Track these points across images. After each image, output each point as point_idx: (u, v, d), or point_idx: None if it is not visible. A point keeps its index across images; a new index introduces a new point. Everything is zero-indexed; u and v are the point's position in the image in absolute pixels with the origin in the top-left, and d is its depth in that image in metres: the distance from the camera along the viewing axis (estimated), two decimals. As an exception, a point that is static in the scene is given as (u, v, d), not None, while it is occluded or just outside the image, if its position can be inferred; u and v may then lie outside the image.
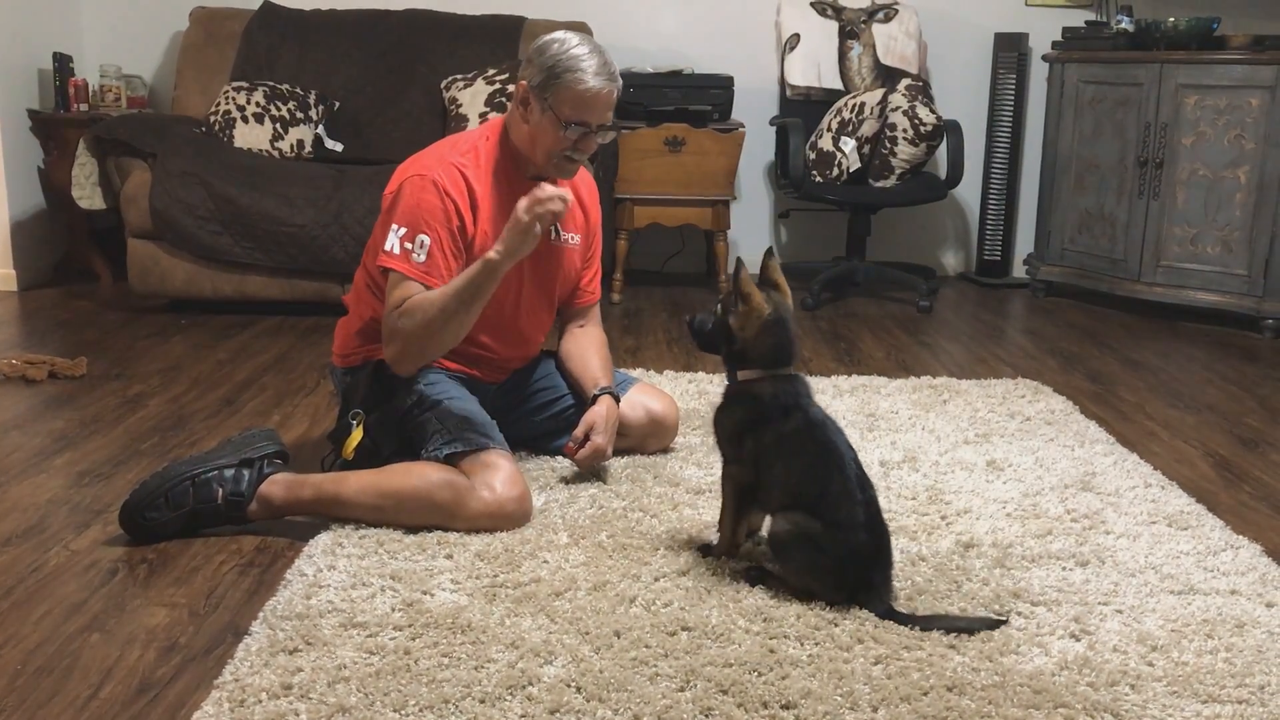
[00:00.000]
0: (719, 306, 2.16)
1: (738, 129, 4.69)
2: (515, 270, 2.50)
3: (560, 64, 2.38)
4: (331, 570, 2.13)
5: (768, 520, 2.16)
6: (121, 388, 3.34)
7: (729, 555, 2.20)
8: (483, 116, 4.46)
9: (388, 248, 2.37)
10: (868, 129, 4.62)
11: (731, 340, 2.13)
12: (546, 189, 2.25)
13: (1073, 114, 4.81)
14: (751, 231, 5.32)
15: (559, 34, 2.45)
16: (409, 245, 2.36)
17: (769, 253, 2.21)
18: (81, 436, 2.92)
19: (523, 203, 2.25)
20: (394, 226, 2.38)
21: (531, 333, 2.68)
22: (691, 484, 2.61)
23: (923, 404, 3.28)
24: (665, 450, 2.82)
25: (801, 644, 1.91)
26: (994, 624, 1.98)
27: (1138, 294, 4.60)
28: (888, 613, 1.99)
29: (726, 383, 2.19)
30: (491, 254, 2.28)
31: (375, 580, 2.09)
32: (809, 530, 2.02)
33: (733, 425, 2.15)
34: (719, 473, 2.66)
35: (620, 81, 2.45)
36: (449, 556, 2.20)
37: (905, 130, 4.60)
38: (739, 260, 2.10)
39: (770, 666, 1.83)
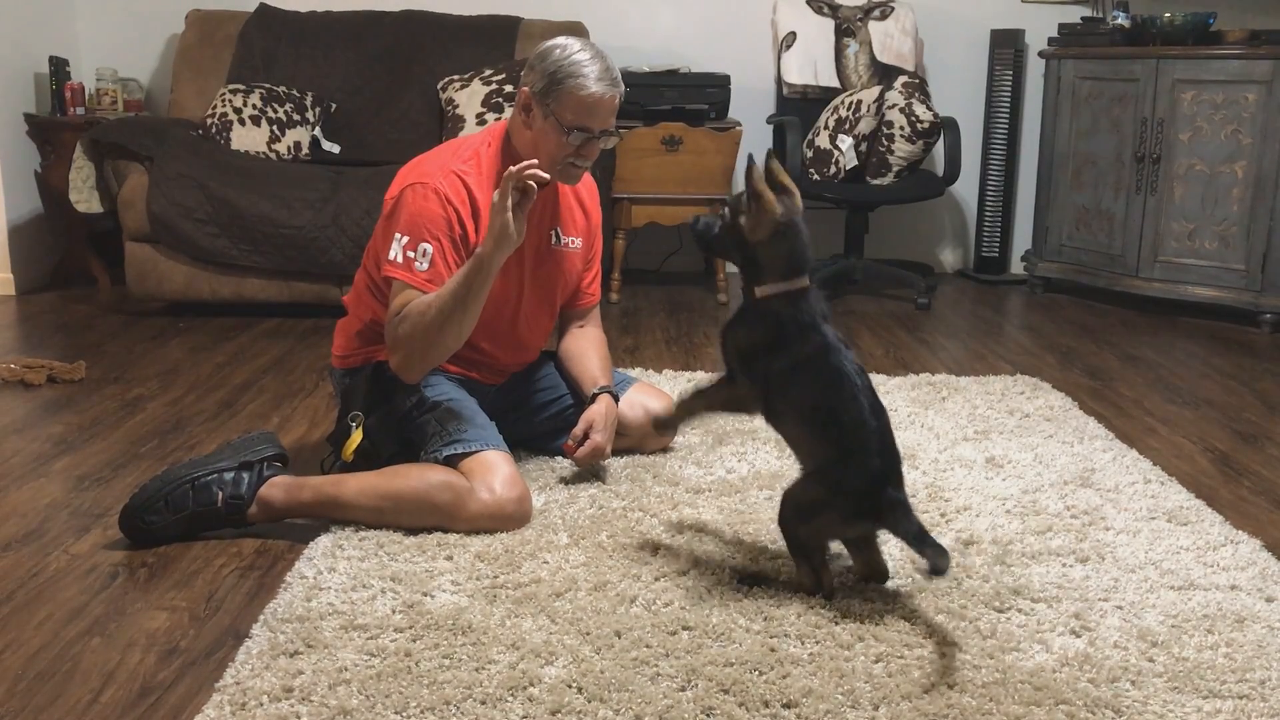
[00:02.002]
0: (726, 210, 2.09)
1: (735, 128, 4.69)
2: (516, 275, 2.50)
3: (562, 70, 2.37)
4: (332, 572, 2.13)
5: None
6: (120, 391, 3.33)
7: (674, 425, 2.28)
8: (479, 117, 4.46)
9: (391, 257, 2.37)
10: (865, 127, 4.62)
11: (743, 245, 2.06)
12: (511, 168, 2.23)
13: (1069, 110, 4.81)
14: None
15: (560, 39, 2.44)
16: (411, 254, 2.36)
17: (770, 154, 2.13)
18: (80, 440, 2.92)
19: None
20: (397, 235, 2.38)
21: (531, 338, 2.68)
22: (691, 483, 2.61)
23: (922, 401, 3.28)
24: (665, 450, 2.82)
25: (802, 643, 1.91)
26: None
27: (1135, 289, 4.60)
28: (920, 534, 1.94)
29: (742, 299, 2.13)
30: (480, 248, 2.27)
31: (375, 582, 2.09)
32: (823, 492, 2.00)
33: (748, 344, 2.08)
34: (720, 472, 2.67)
35: (623, 87, 2.44)
36: (449, 558, 2.20)
37: (902, 127, 4.60)
38: (750, 158, 2.01)
39: (771, 665, 1.83)
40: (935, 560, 1.89)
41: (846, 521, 2.03)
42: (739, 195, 2.06)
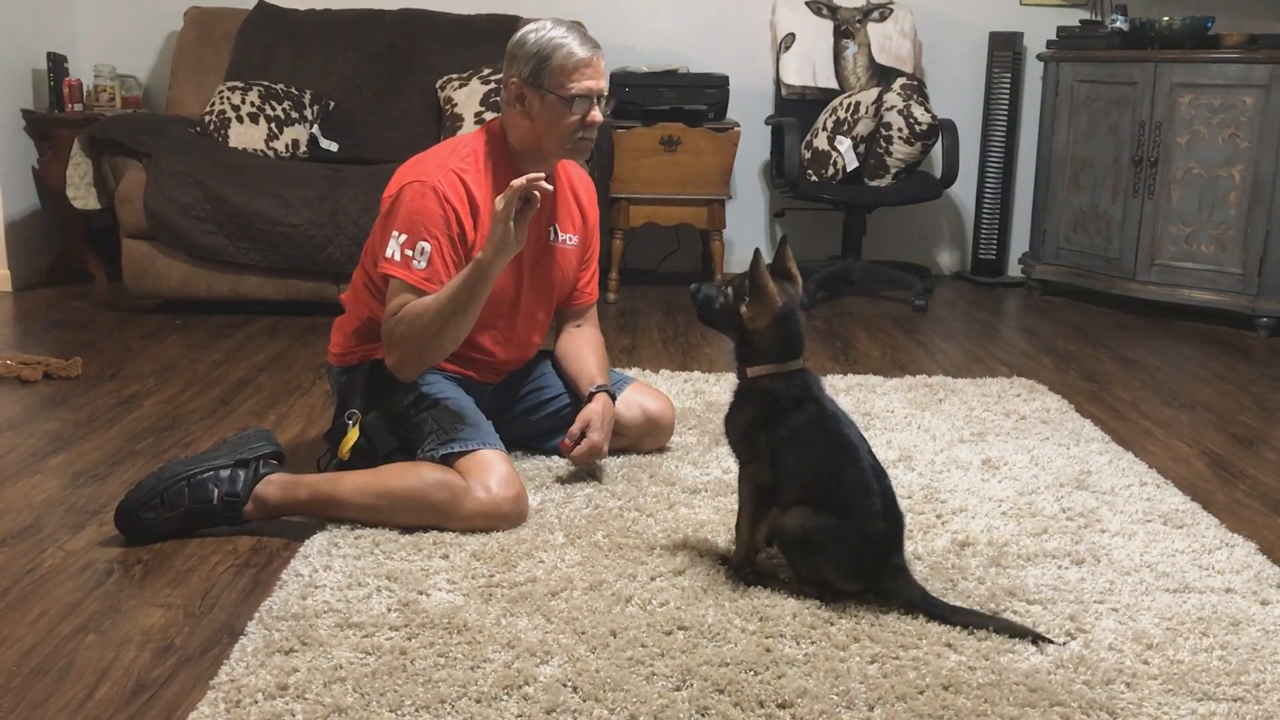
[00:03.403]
0: (729, 290, 2.12)
1: (733, 128, 4.69)
2: (514, 271, 2.50)
3: (545, 48, 2.40)
4: (327, 570, 2.13)
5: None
6: (117, 388, 3.33)
7: (746, 564, 2.15)
8: (478, 116, 4.46)
9: (389, 254, 2.37)
10: (863, 128, 4.62)
11: (740, 329, 2.11)
12: (518, 179, 2.24)
13: (1068, 113, 4.81)
14: (747, 231, 5.33)
15: (530, 26, 2.47)
16: (409, 252, 2.36)
17: (784, 241, 2.18)
18: (77, 437, 2.92)
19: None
20: (395, 233, 2.38)
21: (529, 334, 2.68)
22: (687, 483, 2.61)
23: (918, 403, 3.28)
24: (661, 450, 2.82)
25: (797, 643, 1.91)
26: (1030, 636, 1.94)
27: (1132, 293, 4.60)
28: (923, 598, 1.99)
29: (737, 382, 2.16)
30: (480, 254, 2.28)
31: (371, 580, 2.09)
32: (819, 525, 2.01)
33: (746, 423, 2.13)
34: (715, 472, 2.67)
35: (601, 48, 2.47)
36: (445, 556, 2.20)
37: (900, 129, 4.60)
38: (757, 252, 2.06)
39: (766, 665, 1.83)
40: (1012, 629, 1.94)
41: (842, 577, 2.04)
42: (743, 280, 2.10)
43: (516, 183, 2.22)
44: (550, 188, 2.30)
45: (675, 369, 3.62)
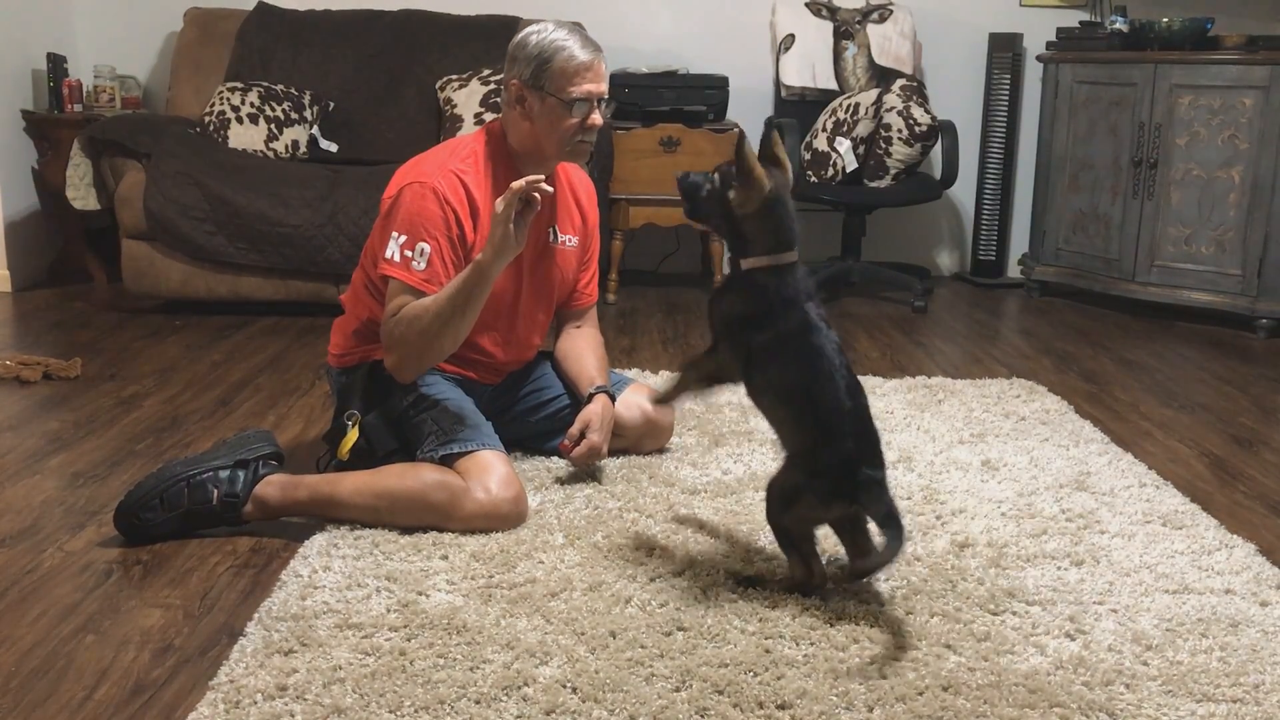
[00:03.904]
0: (716, 175, 2.08)
1: (733, 129, 4.69)
2: (514, 272, 2.50)
3: (546, 50, 2.40)
4: (327, 571, 2.13)
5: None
6: (116, 389, 3.33)
7: (667, 399, 2.27)
8: (478, 116, 4.46)
9: (388, 255, 2.37)
10: (863, 129, 4.62)
11: (730, 217, 2.07)
12: (518, 182, 2.24)
13: (1067, 114, 4.81)
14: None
15: (531, 27, 2.46)
16: (409, 253, 2.36)
17: (771, 124, 2.14)
18: (76, 438, 2.92)
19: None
20: (394, 234, 2.38)
21: (529, 336, 2.68)
22: (687, 484, 2.61)
23: (918, 404, 3.28)
24: (660, 451, 2.82)
25: (797, 644, 1.91)
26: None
27: (1132, 294, 4.60)
28: (888, 515, 1.95)
29: (729, 270, 2.14)
30: (480, 256, 2.28)
31: (370, 581, 2.09)
32: (802, 482, 2.01)
33: (732, 314, 2.09)
34: (715, 473, 2.67)
35: (603, 50, 2.47)
36: (444, 557, 2.20)
37: (900, 130, 4.60)
38: (742, 133, 2.04)
39: (766, 666, 1.83)
40: (886, 545, 1.93)
41: (824, 503, 2.02)
42: (730, 166, 2.05)
43: (516, 185, 2.22)
44: (550, 190, 2.30)
45: (675, 370, 3.61)
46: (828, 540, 2.16)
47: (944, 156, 4.72)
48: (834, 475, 1.99)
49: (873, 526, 2.04)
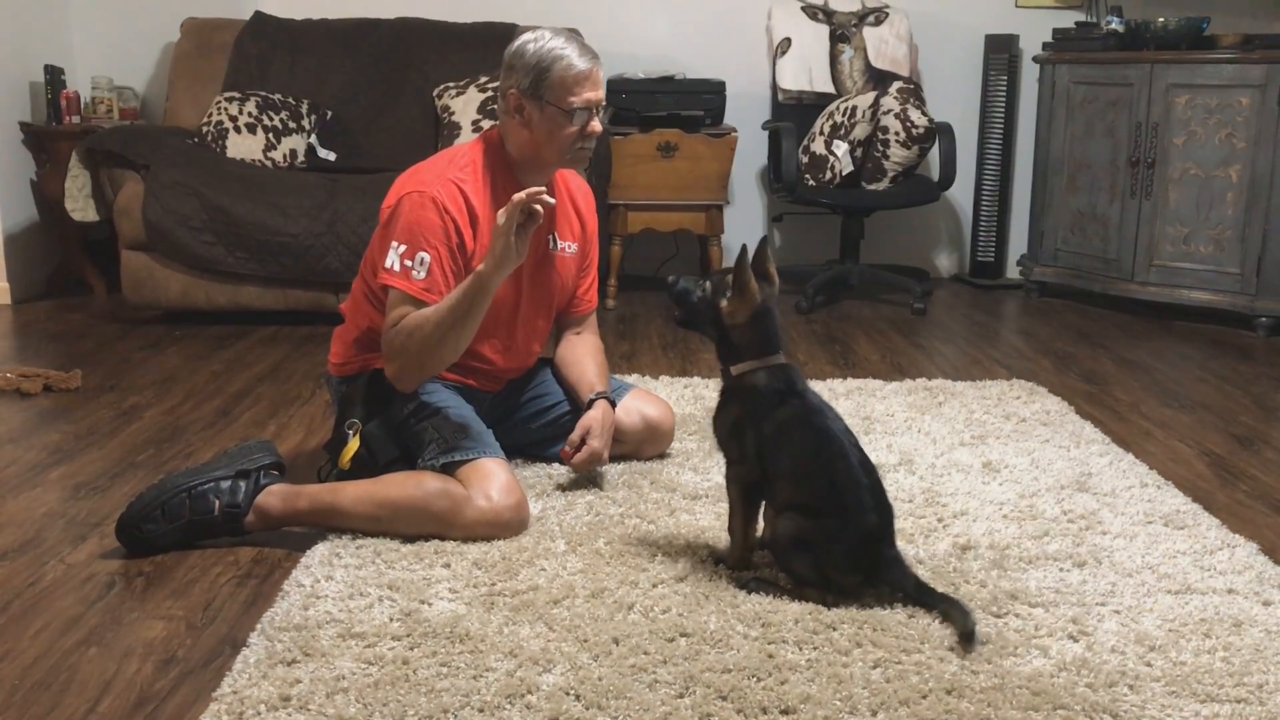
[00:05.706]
0: (708, 285, 2.15)
1: (730, 133, 4.70)
2: (514, 280, 2.50)
3: (544, 59, 2.40)
4: (329, 580, 2.13)
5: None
6: (116, 400, 3.33)
7: (742, 566, 2.16)
8: (475, 124, 4.46)
9: (388, 265, 2.38)
10: (860, 132, 4.63)
11: (718, 325, 2.13)
12: (519, 194, 2.25)
13: (1064, 115, 4.82)
14: (745, 236, 5.27)
15: (527, 35, 2.47)
16: (409, 263, 2.36)
17: (764, 241, 2.18)
18: (77, 449, 2.92)
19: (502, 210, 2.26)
20: (394, 244, 2.38)
21: (529, 343, 2.68)
22: (688, 489, 2.61)
23: (918, 406, 3.28)
24: (662, 456, 2.82)
25: (800, 649, 1.91)
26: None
27: (1131, 294, 4.61)
28: (918, 587, 2.02)
29: (721, 383, 2.19)
30: (481, 267, 2.28)
31: (373, 590, 2.09)
32: (816, 526, 2.02)
33: (731, 420, 2.14)
34: (716, 478, 2.67)
35: (600, 57, 2.48)
36: (446, 565, 2.20)
37: (897, 133, 4.61)
38: (744, 247, 2.08)
39: (769, 671, 1.83)
40: (964, 622, 1.94)
41: (843, 572, 2.04)
42: (722, 276, 2.12)
43: (518, 197, 2.23)
44: (552, 201, 2.30)
45: (675, 375, 3.62)
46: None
47: (941, 158, 4.72)
48: (856, 549, 2.02)
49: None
